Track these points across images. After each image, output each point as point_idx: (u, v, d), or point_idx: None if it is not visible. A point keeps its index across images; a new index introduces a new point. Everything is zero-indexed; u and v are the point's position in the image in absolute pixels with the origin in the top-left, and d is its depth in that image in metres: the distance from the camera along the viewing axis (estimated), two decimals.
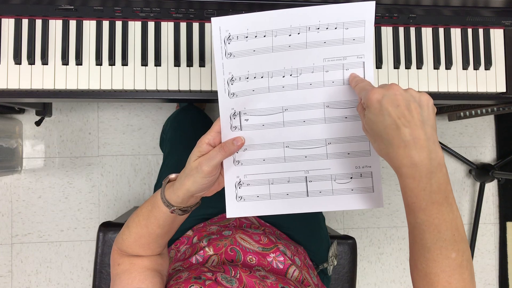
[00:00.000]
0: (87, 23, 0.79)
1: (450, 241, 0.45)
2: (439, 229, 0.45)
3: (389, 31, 0.85)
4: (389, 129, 0.44)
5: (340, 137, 0.57)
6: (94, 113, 1.59)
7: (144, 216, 0.61)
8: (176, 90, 0.82)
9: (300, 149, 0.58)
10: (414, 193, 0.44)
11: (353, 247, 1.02)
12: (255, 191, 0.59)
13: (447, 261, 0.45)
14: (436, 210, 0.44)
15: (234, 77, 0.56)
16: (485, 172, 1.62)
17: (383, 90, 0.46)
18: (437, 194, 0.44)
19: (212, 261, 0.72)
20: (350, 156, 0.57)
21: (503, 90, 0.87)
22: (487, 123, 1.75)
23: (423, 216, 0.45)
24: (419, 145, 0.43)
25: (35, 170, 1.56)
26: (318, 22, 0.54)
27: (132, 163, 1.60)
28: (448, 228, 0.45)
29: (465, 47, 0.86)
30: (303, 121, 0.57)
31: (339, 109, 0.56)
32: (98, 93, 0.80)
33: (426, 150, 0.43)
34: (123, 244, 0.64)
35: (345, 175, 0.58)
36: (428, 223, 0.45)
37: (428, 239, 0.45)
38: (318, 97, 0.56)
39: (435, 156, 0.44)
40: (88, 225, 1.57)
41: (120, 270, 0.63)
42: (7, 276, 1.54)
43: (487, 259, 1.73)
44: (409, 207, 0.46)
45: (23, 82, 0.78)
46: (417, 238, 0.46)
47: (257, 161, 0.59)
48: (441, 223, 0.45)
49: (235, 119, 0.57)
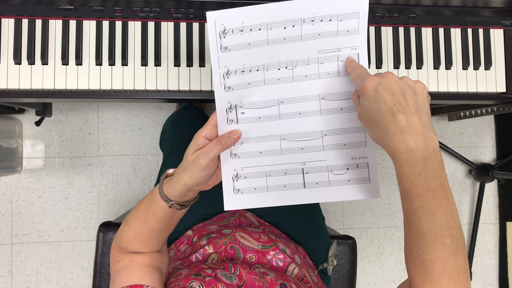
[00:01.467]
0: (87, 23, 0.79)
1: (445, 227, 0.45)
2: (434, 215, 0.45)
3: (389, 31, 0.85)
4: (385, 116, 0.45)
5: (336, 128, 0.57)
6: (94, 113, 1.59)
7: (142, 212, 0.61)
8: (176, 90, 0.82)
9: (296, 141, 0.58)
10: (409, 179, 0.44)
11: (353, 247, 1.02)
12: (252, 183, 0.60)
13: (442, 247, 0.45)
14: (432, 196, 0.44)
15: (230, 71, 0.56)
16: (485, 172, 1.62)
17: (379, 78, 0.46)
18: (433, 180, 0.44)
19: (212, 259, 0.72)
20: (346, 147, 0.57)
21: (503, 90, 0.87)
22: (487, 123, 1.75)
23: (419, 202, 0.45)
24: (414, 131, 0.43)
25: (35, 170, 1.56)
26: (313, 14, 0.54)
27: (132, 163, 1.60)
28: (443, 214, 0.45)
29: (465, 47, 0.86)
30: (299, 113, 0.57)
31: (335, 101, 0.56)
32: (98, 93, 0.80)
33: (422, 136, 0.44)
34: (122, 241, 0.64)
35: (341, 166, 0.58)
36: (424, 209, 0.45)
37: (424, 225, 0.45)
38: (313, 89, 0.56)
39: (430, 142, 0.44)
40: (88, 225, 1.57)
41: (120, 267, 0.63)
42: (7, 276, 1.54)
43: (487, 259, 1.73)
44: (405, 193, 0.46)
45: (23, 82, 0.78)
46: (412, 225, 0.46)
47: (254, 153, 0.59)
48: (436, 209, 0.45)
49: (231, 112, 0.58)
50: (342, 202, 1.67)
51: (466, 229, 1.73)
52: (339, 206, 1.67)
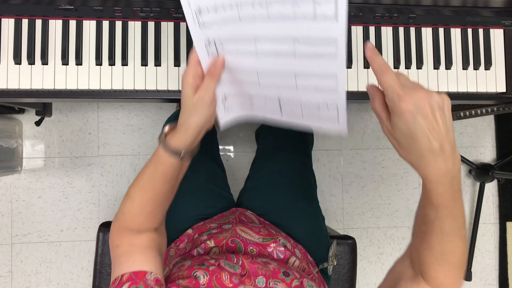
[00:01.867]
0: (87, 23, 0.79)
1: (462, 223, 0.52)
2: (456, 217, 0.51)
3: (389, 31, 0.85)
4: (421, 143, 0.46)
5: (309, 73, 0.57)
6: (94, 113, 1.59)
7: (148, 178, 0.62)
8: (176, 90, 0.82)
9: (271, 77, 0.59)
10: (439, 195, 0.48)
11: (353, 247, 1.02)
12: (238, 100, 0.65)
13: (460, 238, 0.53)
14: (455, 203, 0.50)
15: (201, 8, 0.56)
16: (485, 172, 1.62)
17: (414, 99, 0.45)
18: (457, 192, 0.49)
19: (213, 253, 0.73)
20: (318, 91, 0.57)
21: (503, 90, 0.87)
22: (487, 123, 1.75)
23: (445, 211, 0.50)
24: (446, 155, 0.46)
25: (35, 170, 1.56)
26: None
27: (132, 163, 1.60)
28: (461, 215, 0.52)
29: (465, 47, 0.86)
30: (275, 54, 0.57)
31: (310, 46, 0.54)
32: (98, 93, 0.80)
33: (452, 159, 0.47)
34: (125, 219, 0.64)
35: (313, 104, 0.59)
36: (449, 215, 0.50)
37: (447, 226, 0.51)
38: (288, 31, 0.54)
39: (457, 162, 0.48)
40: (88, 225, 1.57)
41: (119, 253, 0.62)
42: (7, 276, 1.54)
43: (487, 259, 1.73)
44: (433, 205, 0.50)
45: (23, 82, 0.78)
46: (436, 229, 0.52)
47: (236, 81, 0.62)
48: (458, 213, 0.51)
49: (210, 46, 0.59)
50: (342, 202, 1.67)
51: (466, 229, 1.73)
52: (339, 206, 1.67)
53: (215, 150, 1.09)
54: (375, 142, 1.69)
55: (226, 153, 1.63)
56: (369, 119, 1.70)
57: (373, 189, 1.69)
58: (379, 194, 1.69)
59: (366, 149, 1.69)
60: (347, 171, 1.68)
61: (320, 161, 1.67)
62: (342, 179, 1.68)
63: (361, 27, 0.85)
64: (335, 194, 1.67)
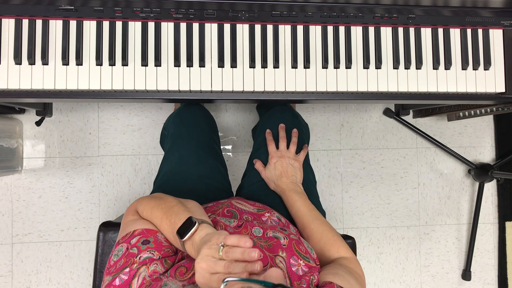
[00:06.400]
0: (87, 23, 0.80)
1: (309, 208, 0.89)
2: (304, 204, 0.89)
3: (389, 31, 0.85)
4: (278, 177, 0.94)
5: None
6: (95, 113, 1.59)
7: (165, 217, 0.65)
8: (176, 90, 0.82)
9: None
10: (292, 197, 0.90)
11: (352, 247, 1.02)
12: None
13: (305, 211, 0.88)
14: (298, 197, 0.89)
15: None
16: (484, 172, 1.62)
17: (276, 158, 0.95)
18: (301, 193, 0.92)
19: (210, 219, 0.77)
20: None
21: (502, 90, 0.87)
22: (486, 123, 1.76)
23: (298, 202, 0.88)
24: (286, 183, 0.93)
25: (36, 170, 1.56)
26: None
27: (132, 163, 1.60)
28: (305, 203, 0.89)
29: (464, 48, 0.87)
30: None
31: None
32: (98, 93, 0.81)
33: (291, 184, 0.93)
34: (142, 214, 0.71)
35: None
36: (300, 203, 0.88)
37: (303, 210, 0.87)
38: None
39: (297, 182, 0.95)
40: (88, 225, 1.58)
41: (133, 220, 0.70)
42: (8, 276, 1.54)
43: (486, 258, 1.74)
44: (291, 202, 0.90)
45: (23, 82, 0.78)
46: (298, 213, 0.87)
47: None
48: (304, 202, 0.89)
49: None
50: (342, 202, 1.68)
51: (465, 229, 1.73)
52: (338, 206, 1.68)
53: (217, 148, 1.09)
54: (375, 142, 1.70)
55: (226, 153, 1.64)
56: (368, 119, 1.70)
57: (372, 189, 1.69)
58: (378, 194, 1.69)
59: (366, 149, 1.69)
60: (346, 171, 1.69)
61: (319, 161, 1.67)
62: (342, 179, 1.68)
63: (360, 28, 0.85)
64: (335, 194, 1.68)
